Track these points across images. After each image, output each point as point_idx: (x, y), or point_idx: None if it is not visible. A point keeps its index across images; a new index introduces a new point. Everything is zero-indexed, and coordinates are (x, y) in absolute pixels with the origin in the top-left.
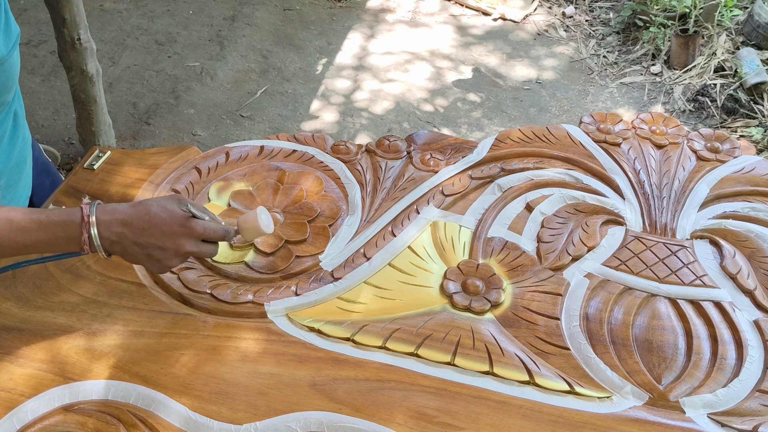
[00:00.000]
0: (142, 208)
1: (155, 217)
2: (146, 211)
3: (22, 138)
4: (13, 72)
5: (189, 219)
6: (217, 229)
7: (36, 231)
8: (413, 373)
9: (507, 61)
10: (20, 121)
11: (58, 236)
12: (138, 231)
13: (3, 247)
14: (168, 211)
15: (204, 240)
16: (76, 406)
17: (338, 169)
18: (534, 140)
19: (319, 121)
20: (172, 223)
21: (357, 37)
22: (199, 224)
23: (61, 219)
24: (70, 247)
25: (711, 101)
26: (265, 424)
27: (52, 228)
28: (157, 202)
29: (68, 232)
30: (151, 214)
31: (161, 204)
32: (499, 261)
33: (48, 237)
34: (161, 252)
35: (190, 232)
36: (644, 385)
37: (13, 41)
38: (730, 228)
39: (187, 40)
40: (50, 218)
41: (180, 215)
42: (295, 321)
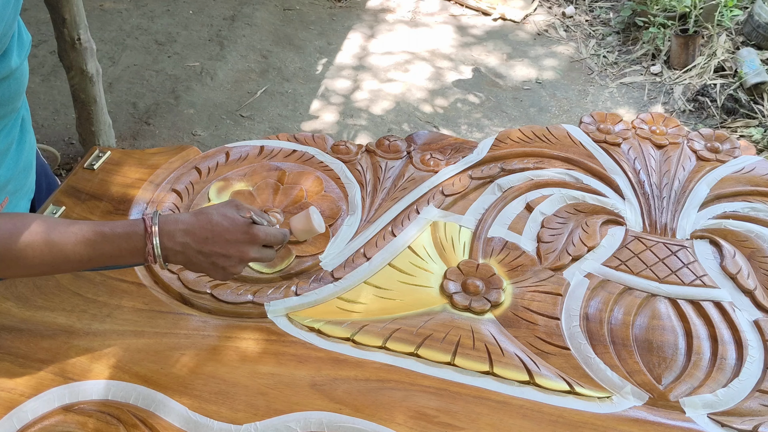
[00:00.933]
0: (204, 217)
1: (218, 226)
2: (208, 219)
3: (29, 143)
4: (24, 80)
5: (251, 226)
6: (277, 234)
7: (101, 243)
8: (413, 373)
9: (507, 61)
10: (27, 126)
11: (122, 248)
12: (202, 240)
13: (68, 262)
14: (230, 219)
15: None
16: (76, 406)
17: (338, 169)
18: (534, 140)
19: (319, 121)
20: (235, 230)
21: (357, 37)
22: (261, 230)
23: (125, 231)
24: (134, 259)
25: (711, 101)
26: (265, 424)
27: (116, 240)
28: (217, 210)
29: (132, 244)
30: (213, 222)
31: (222, 212)
32: (499, 261)
33: (113, 249)
34: (225, 260)
35: (254, 238)
36: (644, 385)
37: (25, 50)
38: (730, 228)
39: (187, 40)
40: (114, 230)
41: (242, 222)
42: (295, 321)
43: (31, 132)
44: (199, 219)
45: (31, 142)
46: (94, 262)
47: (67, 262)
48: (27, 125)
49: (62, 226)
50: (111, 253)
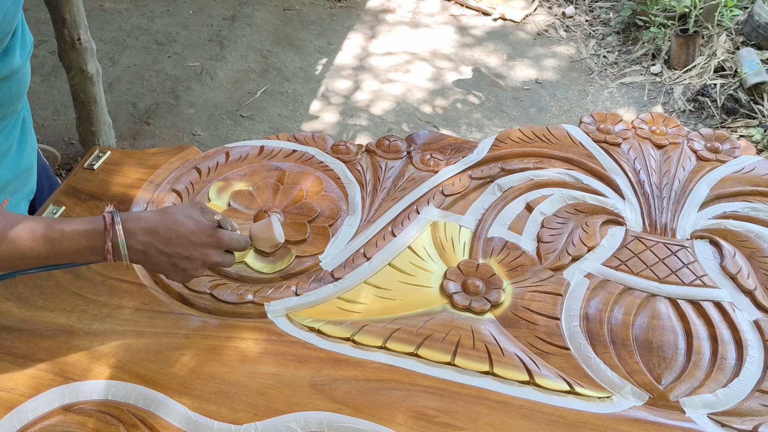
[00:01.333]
0: (169, 216)
1: (183, 227)
2: (173, 220)
3: (30, 144)
4: (26, 81)
5: (216, 229)
6: (240, 240)
7: (59, 241)
8: (413, 373)
9: (507, 61)
10: (28, 127)
11: (81, 246)
12: (165, 240)
13: (25, 258)
14: (195, 221)
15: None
16: (76, 406)
17: (338, 169)
18: (534, 140)
19: (319, 122)
20: (201, 233)
21: (357, 38)
22: (226, 235)
23: (84, 228)
24: (94, 257)
25: (711, 101)
26: (265, 424)
27: (75, 237)
28: (183, 211)
29: (91, 242)
30: (178, 223)
31: (187, 213)
32: (499, 261)
33: (71, 247)
34: (187, 262)
35: (218, 242)
36: (644, 385)
37: (28, 51)
38: (730, 228)
39: (187, 40)
40: (73, 227)
41: (207, 225)
42: (295, 321)
43: (32, 133)
44: (164, 218)
45: (32, 144)
46: (53, 259)
47: (24, 258)
48: (28, 126)
49: (21, 222)
50: (69, 250)
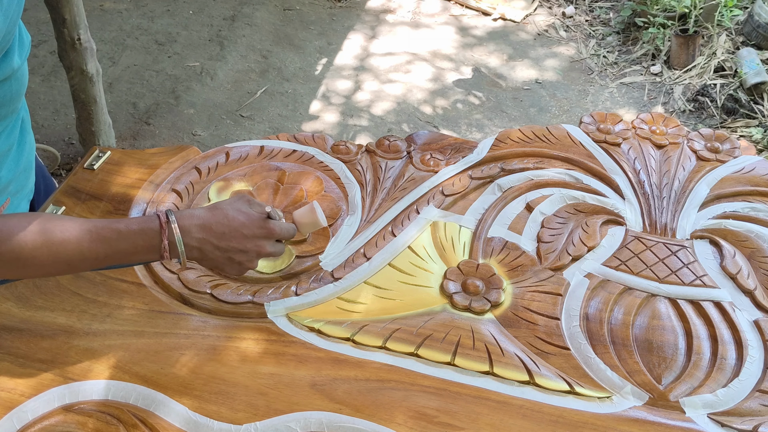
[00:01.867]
0: (220, 212)
1: (234, 221)
2: (224, 215)
3: (29, 144)
4: (24, 80)
5: (266, 221)
6: (288, 229)
7: (116, 241)
8: (413, 373)
9: (507, 62)
10: (27, 127)
11: (138, 245)
12: (219, 235)
13: (84, 260)
14: (245, 214)
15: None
16: (76, 406)
17: (338, 169)
18: (534, 140)
19: (319, 122)
20: (252, 225)
21: (357, 38)
22: (276, 225)
23: (140, 227)
24: (150, 256)
25: (711, 101)
26: (265, 424)
27: (131, 237)
28: (232, 206)
29: (148, 241)
30: (229, 217)
31: (236, 207)
32: (499, 261)
33: (128, 246)
34: (242, 255)
35: (270, 233)
36: (644, 385)
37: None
38: (730, 228)
39: (187, 40)
40: (129, 227)
41: (257, 217)
42: (295, 321)
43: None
44: (215, 214)
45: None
46: (110, 260)
47: (84, 260)
48: (27, 126)
49: (76, 225)
50: (126, 249)
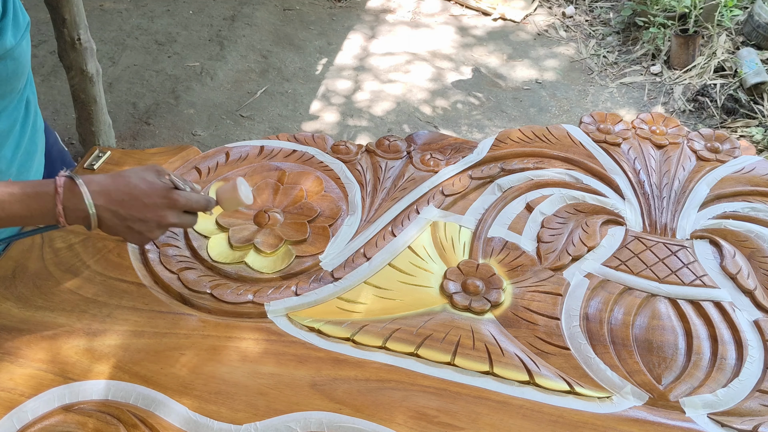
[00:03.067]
0: (122, 179)
1: (135, 189)
2: (126, 182)
3: (33, 125)
4: (23, 60)
5: (171, 190)
6: (199, 200)
7: (10, 204)
8: (413, 373)
9: (507, 62)
10: (32, 108)
11: (32, 208)
12: (118, 202)
13: None
14: (148, 183)
15: (185, 211)
16: (76, 406)
17: (338, 169)
18: (534, 140)
19: (319, 122)
20: (154, 194)
21: (357, 38)
22: (182, 195)
23: (35, 191)
24: (46, 220)
25: (711, 101)
26: (265, 424)
27: (26, 200)
28: (136, 174)
29: (42, 204)
30: (131, 185)
31: (140, 175)
32: (499, 261)
33: (23, 210)
34: (142, 224)
35: (173, 203)
36: (644, 385)
37: (22, 31)
38: (730, 228)
39: (187, 40)
40: (24, 190)
41: (161, 186)
42: (295, 321)
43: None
44: (116, 181)
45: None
46: (6, 222)
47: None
48: (32, 107)
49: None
50: (21, 213)
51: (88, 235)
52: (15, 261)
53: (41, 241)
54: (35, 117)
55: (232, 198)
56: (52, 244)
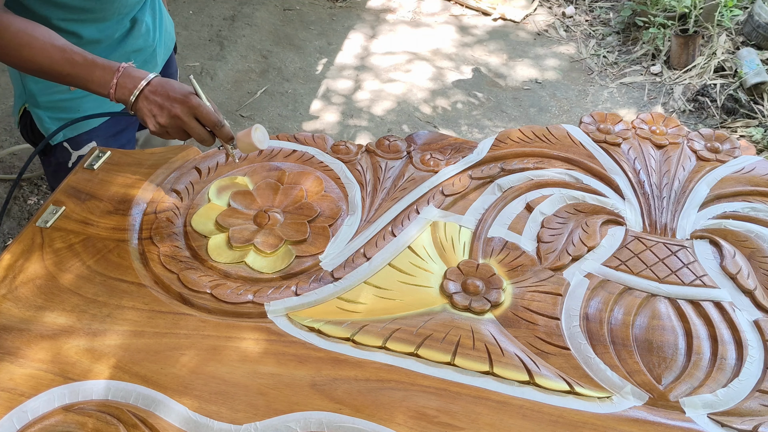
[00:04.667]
0: (164, 79)
1: (168, 84)
2: (165, 81)
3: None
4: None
5: (191, 94)
6: (209, 113)
7: (81, 65)
8: (413, 373)
9: (507, 62)
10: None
11: (95, 75)
12: (152, 90)
13: (49, 73)
14: (179, 85)
15: (197, 119)
16: (76, 406)
17: (338, 169)
18: (534, 140)
19: (319, 122)
20: (178, 91)
21: (357, 37)
22: (197, 100)
23: (104, 63)
24: (101, 90)
25: (711, 101)
26: (265, 424)
27: (93, 67)
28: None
29: (103, 76)
30: (165, 81)
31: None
32: (499, 261)
33: (86, 74)
34: (158, 109)
35: (187, 101)
36: (644, 385)
37: None
38: (730, 228)
39: (187, 40)
40: (94, 59)
41: (187, 89)
42: (295, 321)
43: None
44: (160, 78)
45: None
46: (69, 80)
47: (48, 73)
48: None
49: (58, 40)
50: (85, 77)
51: (88, 235)
52: (15, 261)
53: (41, 241)
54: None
55: (246, 141)
56: (52, 244)
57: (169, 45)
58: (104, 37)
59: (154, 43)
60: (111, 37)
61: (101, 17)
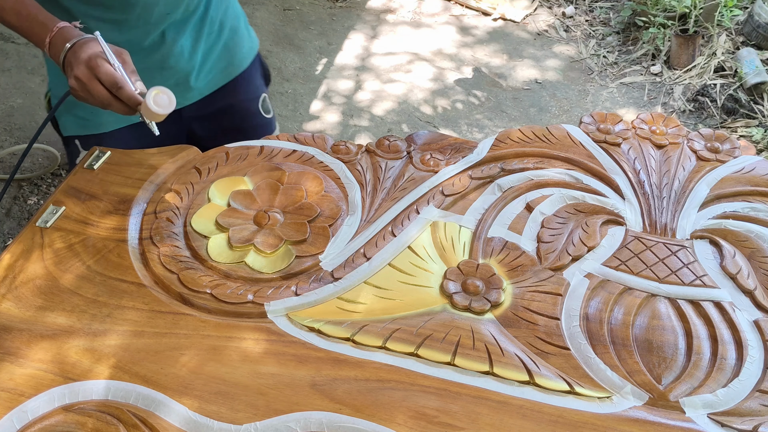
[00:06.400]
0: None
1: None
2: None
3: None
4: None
5: (98, 56)
6: (108, 73)
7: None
8: (413, 373)
9: (507, 62)
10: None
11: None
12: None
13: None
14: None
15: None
16: (76, 406)
17: (338, 169)
18: (534, 140)
19: (319, 122)
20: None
21: (358, 38)
22: (98, 61)
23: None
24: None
25: (711, 101)
26: (265, 424)
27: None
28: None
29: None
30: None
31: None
32: (499, 261)
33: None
34: (69, 71)
35: (89, 62)
36: (644, 385)
37: None
38: (730, 228)
39: None
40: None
41: (97, 52)
42: (295, 321)
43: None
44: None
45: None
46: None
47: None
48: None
49: None
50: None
51: (88, 235)
52: (15, 261)
53: (41, 241)
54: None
55: (145, 108)
56: (52, 244)
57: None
58: (126, 43)
59: (192, 69)
60: (136, 45)
61: (123, 20)
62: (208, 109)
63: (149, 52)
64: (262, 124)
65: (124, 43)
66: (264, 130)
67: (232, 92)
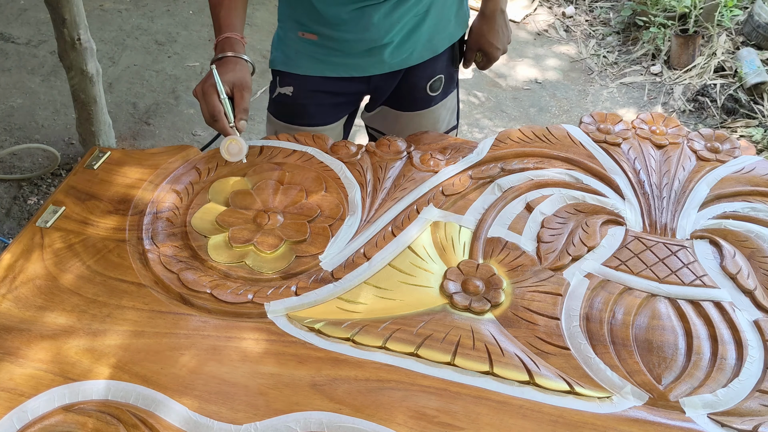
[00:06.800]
0: (226, 60)
1: (224, 65)
2: (224, 61)
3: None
4: None
5: (210, 84)
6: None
7: (213, 8)
8: (413, 373)
9: (507, 61)
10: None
11: (214, 26)
12: (217, 62)
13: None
14: (230, 69)
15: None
16: (76, 406)
17: (338, 169)
18: (534, 140)
19: None
20: (209, 76)
21: None
22: (210, 90)
23: (221, 23)
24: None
25: (711, 101)
26: (265, 424)
27: (215, 21)
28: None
29: (216, 32)
30: (223, 62)
31: (235, 66)
32: (499, 261)
33: (215, 20)
34: (206, 75)
35: (205, 85)
36: (644, 385)
37: None
38: (730, 228)
39: (187, 40)
40: (220, 16)
41: (213, 82)
42: (295, 321)
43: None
44: (225, 60)
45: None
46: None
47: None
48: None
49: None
50: (214, 23)
51: (88, 235)
52: (15, 261)
53: (41, 241)
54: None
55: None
56: (52, 244)
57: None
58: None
59: (383, 41)
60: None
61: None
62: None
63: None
64: (424, 99)
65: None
66: (424, 104)
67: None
